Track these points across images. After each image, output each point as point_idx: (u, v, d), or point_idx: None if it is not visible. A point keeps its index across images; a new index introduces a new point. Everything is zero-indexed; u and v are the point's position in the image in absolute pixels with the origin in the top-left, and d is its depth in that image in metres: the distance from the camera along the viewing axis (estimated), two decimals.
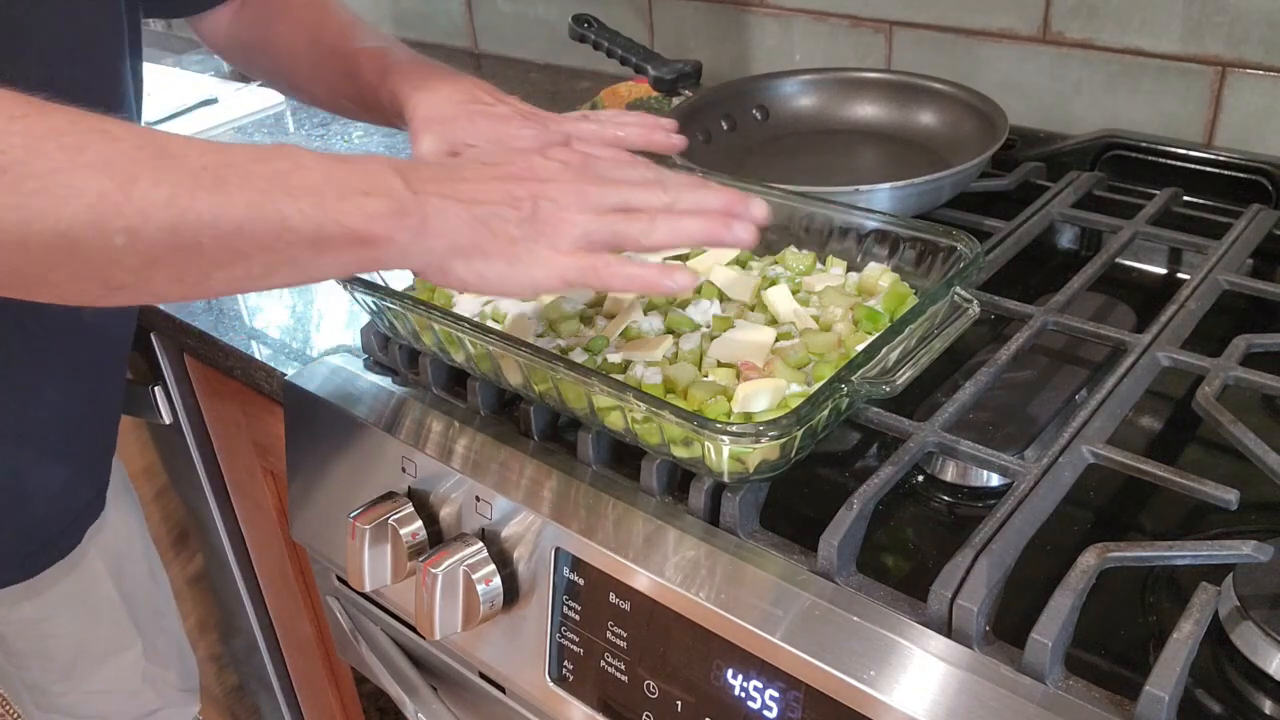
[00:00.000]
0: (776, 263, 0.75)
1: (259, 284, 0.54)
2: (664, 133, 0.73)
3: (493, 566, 0.66)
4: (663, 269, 0.57)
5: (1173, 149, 0.93)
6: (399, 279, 0.77)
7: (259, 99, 1.45)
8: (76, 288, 0.51)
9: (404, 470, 0.72)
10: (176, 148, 0.50)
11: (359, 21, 0.85)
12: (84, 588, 0.91)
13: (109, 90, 0.74)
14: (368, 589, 0.72)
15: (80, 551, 0.88)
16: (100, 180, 0.47)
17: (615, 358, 0.65)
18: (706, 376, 0.63)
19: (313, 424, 0.79)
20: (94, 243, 0.48)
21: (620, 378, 0.62)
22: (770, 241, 0.77)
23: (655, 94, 1.15)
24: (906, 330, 0.61)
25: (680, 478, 0.63)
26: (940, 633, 0.52)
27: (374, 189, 0.53)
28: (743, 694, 0.56)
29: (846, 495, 0.56)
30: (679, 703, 0.59)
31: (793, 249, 0.75)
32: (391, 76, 0.75)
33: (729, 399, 0.60)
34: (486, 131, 0.71)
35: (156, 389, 1.05)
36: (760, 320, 0.68)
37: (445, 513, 0.71)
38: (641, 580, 0.59)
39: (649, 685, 0.61)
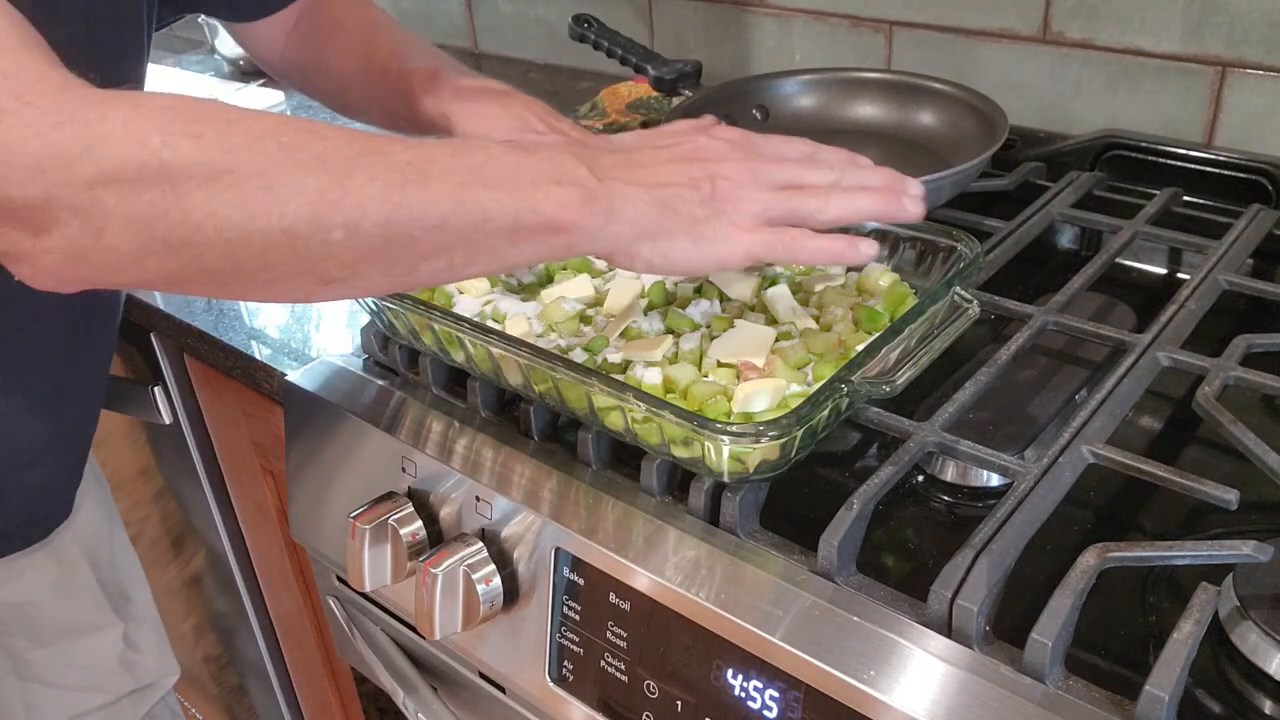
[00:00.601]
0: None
1: (459, 274, 0.56)
2: None
3: (493, 566, 0.66)
4: (850, 240, 0.58)
5: (1173, 149, 0.93)
6: None
7: (259, 99, 1.45)
8: (293, 284, 0.52)
9: (404, 470, 0.72)
10: (381, 144, 0.52)
11: (413, 39, 0.85)
12: (63, 574, 0.91)
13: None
14: (368, 589, 0.72)
15: (58, 537, 0.88)
16: (319, 178, 0.49)
17: (615, 358, 0.65)
18: (706, 376, 0.63)
19: (313, 424, 0.79)
20: (314, 238, 0.49)
21: (620, 378, 0.62)
22: None
23: (655, 94, 1.15)
24: (906, 330, 0.61)
25: (680, 478, 0.63)
26: (940, 633, 0.52)
27: (563, 178, 0.54)
28: (743, 694, 0.56)
29: (846, 495, 0.56)
30: (679, 703, 0.59)
31: None
32: (445, 99, 0.76)
33: (729, 399, 0.60)
34: None
35: (156, 389, 1.05)
36: (760, 320, 0.68)
37: (445, 513, 0.71)
38: (641, 580, 0.59)
39: (649, 685, 0.61)
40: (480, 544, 0.66)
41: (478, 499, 0.67)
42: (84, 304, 0.81)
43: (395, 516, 0.70)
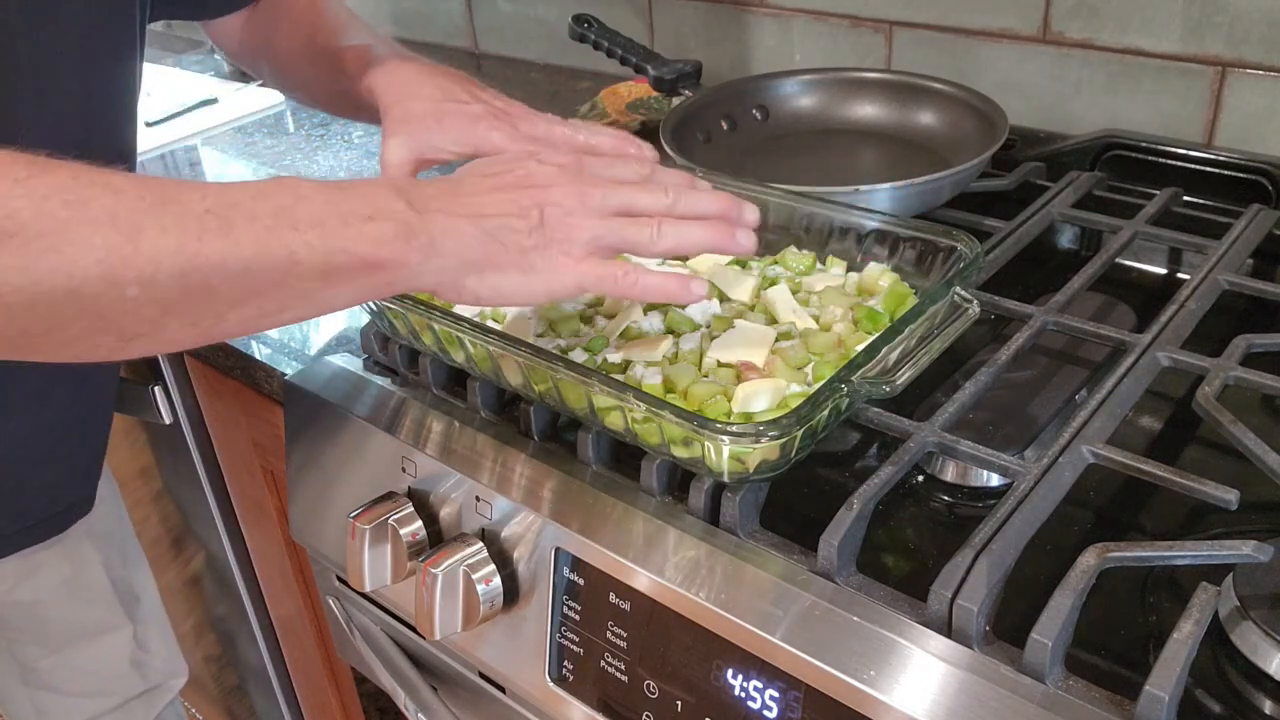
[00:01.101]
0: (776, 263, 0.75)
1: (274, 321, 0.54)
2: (637, 148, 0.72)
3: (493, 566, 0.66)
4: (681, 279, 0.58)
5: (1173, 149, 0.93)
6: None
7: (259, 99, 1.45)
8: (90, 343, 0.50)
9: (404, 470, 0.72)
10: (177, 193, 0.50)
11: (352, 19, 0.86)
12: (77, 572, 0.92)
13: (111, 92, 0.74)
14: (368, 589, 0.72)
15: (73, 536, 0.89)
16: (107, 234, 0.47)
17: (615, 358, 0.65)
18: (706, 376, 0.63)
19: (313, 424, 0.79)
20: (106, 296, 0.48)
21: (620, 378, 0.62)
22: (770, 241, 0.77)
23: (655, 94, 1.15)
24: (906, 330, 0.61)
25: (680, 478, 0.63)
26: (940, 633, 0.52)
27: (378, 213, 0.53)
28: (743, 694, 0.56)
29: (846, 495, 0.56)
30: (679, 703, 0.59)
31: (793, 249, 0.75)
32: (370, 73, 0.76)
33: (729, 399, 0.60)
34: (454, 133, 0.71)
35: (156, 389, 1.05)
36: (760, 320, 0.68)
37: (445, 513, 0.71)
38: (641, 580, 0.59)
39: (649, 685, 0.61)
40: (480, 544, 0.66)
41: (478, 499, 0.67)
42: None
43: (395, 516, 0.70)
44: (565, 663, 0.65)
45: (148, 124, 1.35)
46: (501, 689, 0.72)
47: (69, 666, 0.96)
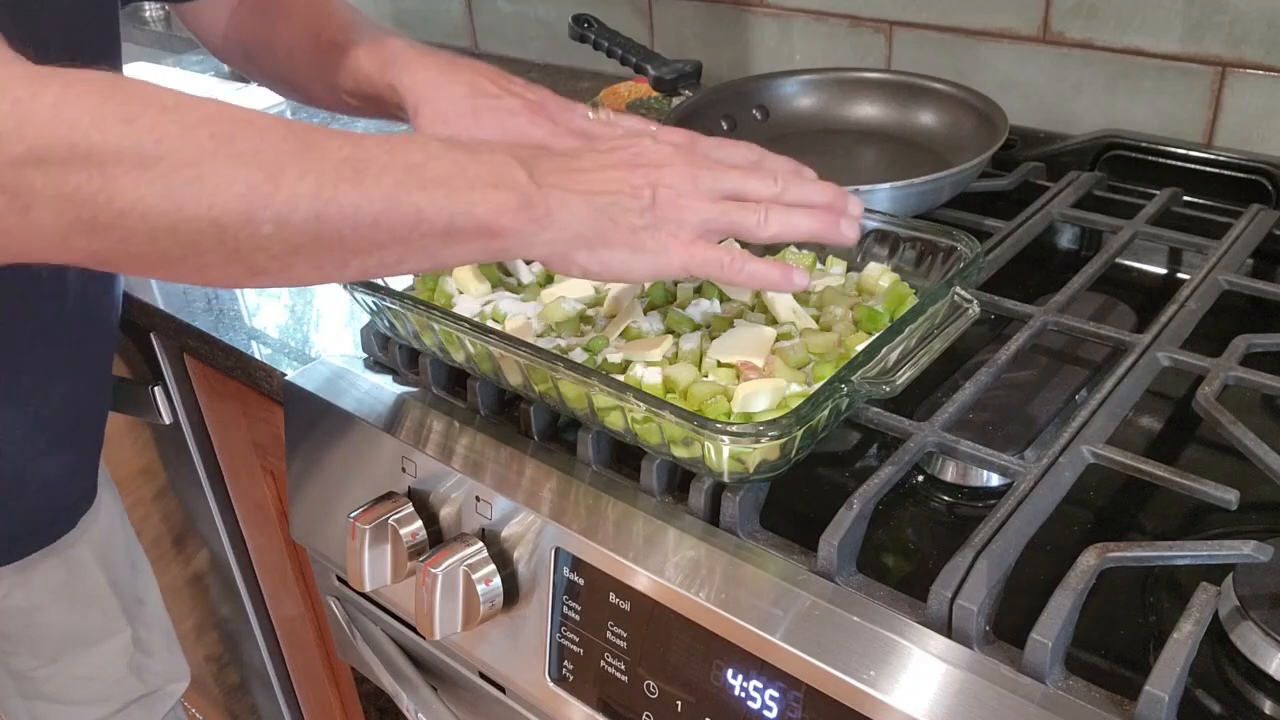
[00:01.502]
0: None
1: (391, 270, 0.55)
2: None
3: (493, 566, 0.66)
4: (785, 269, 0.59)
5: (1173, 149, 0.93)
6: (399, 279, 0.78)
7: (259, 99, 1.45)
8: (220, 271, 0.52)
9: (404, 470, 0.72)
10: (318, 139, 0.51)
11: (361, 16, 0.85)
12: (73, 575, 0.91)
13: None
14: (368, 589, 0.72)
15: (69, 541, 0.88)
16: (250, 171, 0.49)
17: (615, 358, 0.65)
18: (706, 376, 0.63)
19: (313, 424, 0.79)
20: (243, 231, 0.49)
21: (620, 378, 0.62)
22: None
23: (655, 94, 1.15)
24: (906, 330, 0.61)
25: (680, 478, 0.63)
26: (940, 633, 0.52)
27: (500, 181, 0.54)
28: (743, 694, 0.56)
29: (846, 495, 0.56)
30: (679, 703, 0.59)
31: (793, 249, 0.75)
32: (391, 69, 0.75)
33: (729, 399, 0.60)
34: (492, 129, 0.71)
35: (156, 389, 1.05)
36: (760, 320, 0.68)
37: (445, 513, 0.71)
38: (641, 580, 0.59)
39: (649, 685, 0.61)
40: (480, 544, 0.66)
41: (478, 499, 0.67)
42: (80, 292, 0.81)
43: (395, 516, 0.70)
44: (565, 663, 0.65)
45: None
46: (501, 689, 0.72)
47: (67, 675, 0.96)
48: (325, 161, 0.51)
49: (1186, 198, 0.89)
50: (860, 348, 0.62)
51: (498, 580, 0.66)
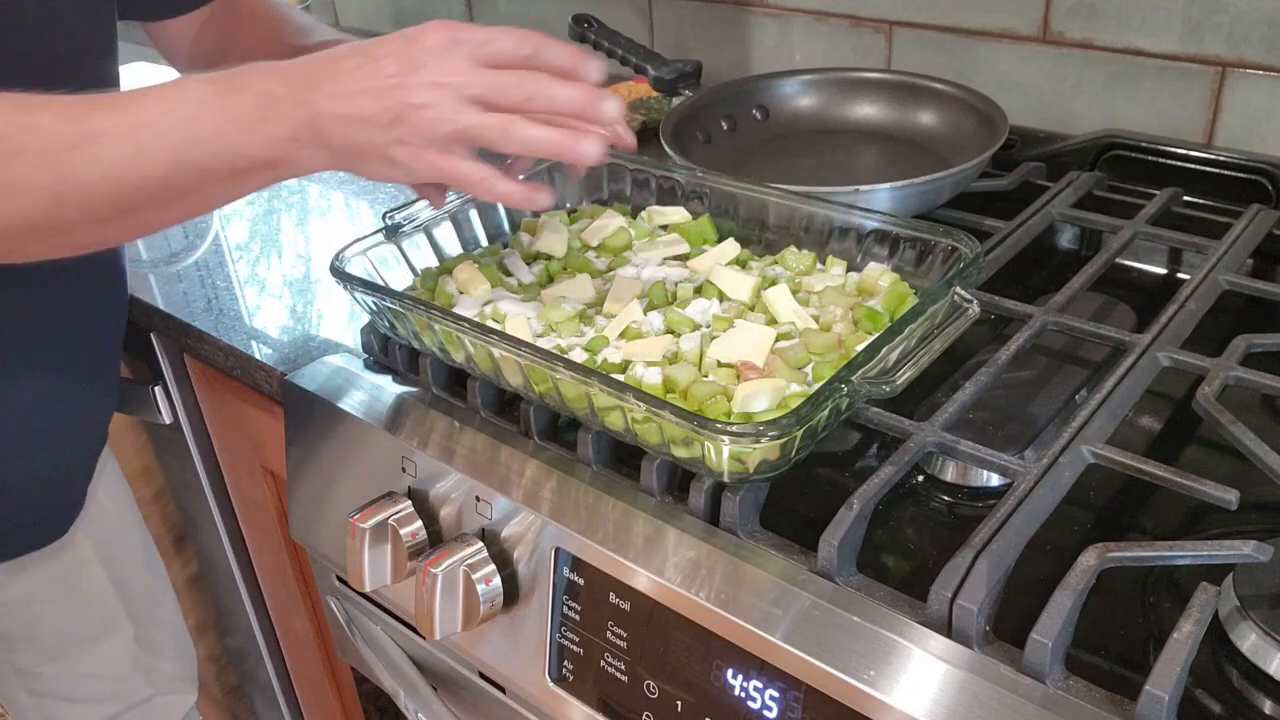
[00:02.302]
0: (776, 263, 0.75)
1: (200, 211, 0.65)
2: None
3: (493, 566, 0.66)
4: (531, 188, 0.64)
5: (1173, 149, 0.93)
6: (399, 279, 0.78)
7: None
8: (50, 249, 0.62)
9: (404, 470, 0.72)
10: (97, 121, 0.58)
11: (317, 21, 0.89)
12: (70, 571, 0.92)
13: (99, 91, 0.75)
14: (368, 589, 0.72)
15: (67, 538, 0.89)
16: (42, 175, 0.56)
17: (615, 358, 0.65)
18: (706, 376, 0.63)
19: (313, 424, 0.79)
20: (53, 224, 0.58)
21: (620, 378, 0.62)
22: (770, 241, 0.78)
23: (655, 94, 1.15)
24: (906, 330, 0.61)
25: (680, 478, 0.63)
26: (940, 633, 0.52)
27: (269, 116, 0.59)
28: (743, 694, 0.56)
29: (846, 495, 0.56)
30: (679, 703, 0.59)
31: (793, 249, 0.75)
32: None
33: (729, 399, 0.60)
34: None
35: (156, 389, 1.05)
36: (760, 320, 0.68)
37: (445, 513, 0.71)
38: (641, 580, 0.59)
39: (649, 685, 0.61)
40: (480, 544, 0.66)
41: (478, 499, 0.67)
42: (88, 284, 0.82)
43: (395, 516, 0.70)
44: (565, 663, 0.65)
45: None
46: (501, 689, 0.72)
47: (71, 673, 0.96)
48: (109, 146, 0.57)
49: (1186, 198, 0.89)
50: (860, 348, 0.62)
51: (498, 580, 0.66)
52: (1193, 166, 0.91)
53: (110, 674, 0.98)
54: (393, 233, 0.77)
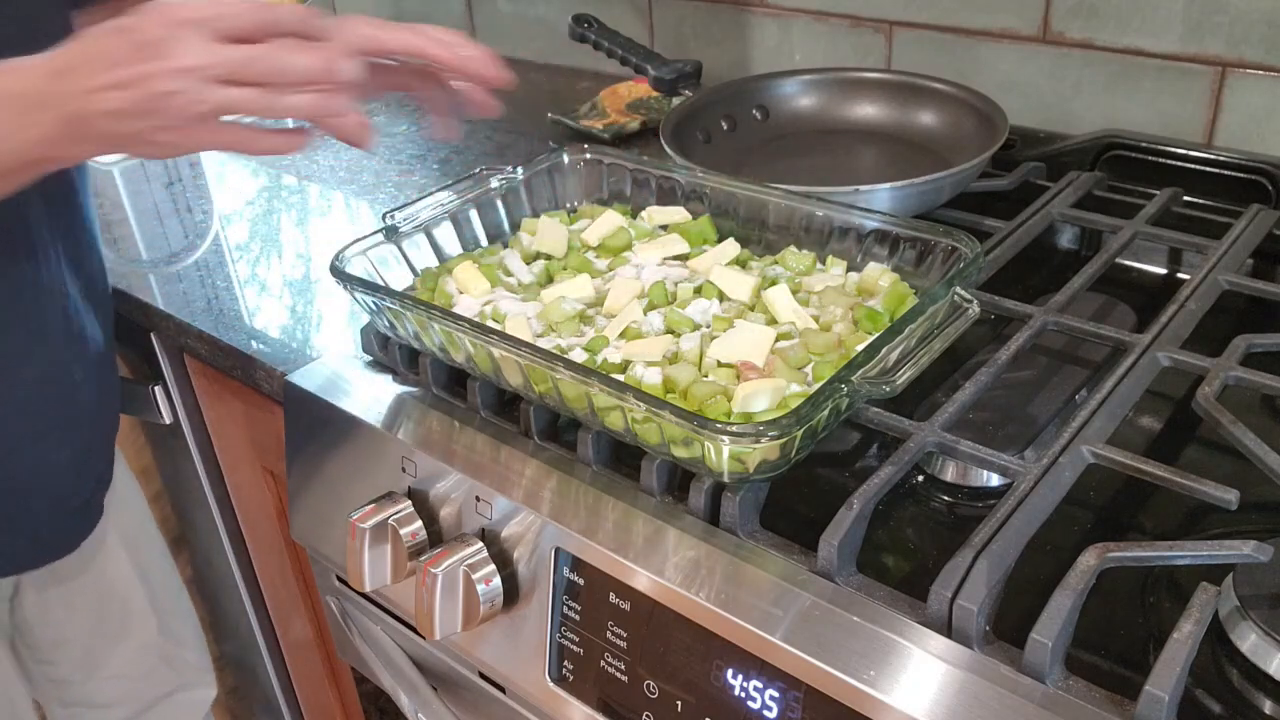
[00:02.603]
0: (776, 263, 0.75)
1: None
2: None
3: (493, 566, 0.66)
4: (288, 137, 0.66)
5: (1173, 149, 0.93)
6: (399, 279, 0.78)
7: None
8: None
9: (404, 470, 0.72)
10: None
11: None
12: (100, 568, 0.94)
13: None
14: (368, 589, 0.72)
15: (97, 534, 0.91)
16: None
17: (615, 358, 0.65)
18: (706, 376, 0.63)
19: (313, 424, 0.79)
20: None
21: (620, 378, 0.62)
22: (770, 241, 0.78)
23: (655, 94, 1.15)
24: (906, 330, 0.61)
25: (680, 478, 0.63)
26: (940, 633, 0.52)
27: (27, 120, 0.61)
28: (743, 694, 0.56)
29: (846, 495, 0.56)
30: (679, 703, 0.59)
31: (793, 249, 0.75)
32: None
33: (729, 399, 0.60)
34: None
35: (156, 389, 1.05)
36: (760, 320, 0.68)
37: (445, 513, 0.71)
38: (641, 580, 0.59)
39: (649, 685, 0.61)
40: (480, 544, 0.66)
41: (478, 499, 0.67)
42: (80, 284, 0.82)
43: (395, 516, 0.70)
44: (565, 663, 0.65)
45: None
46: (501, 689, 0.72)
47: (100, 675, 0.98)
48: None
49: (1186, 198, 0.89)
50: (860, 348, 0.62)
51: (498, 580, 0.66)
52: (1193, 166, 0.91)
53: (135, 672, 1.00)
54: (393, 233, 0.77)
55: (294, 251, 1.05)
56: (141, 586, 0.98)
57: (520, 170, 0.84)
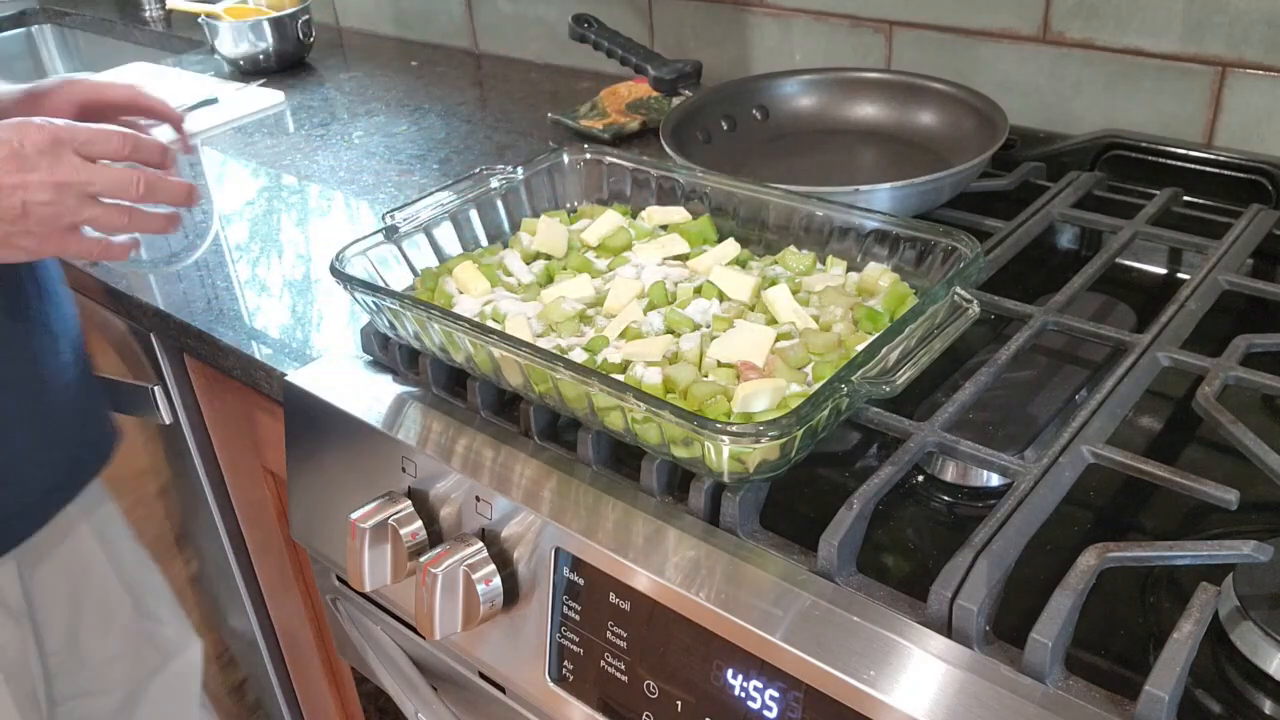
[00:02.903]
0: (776, 263, 0.75)
1: None
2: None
3: (493, 566, 0.66)
4: (122, 249, 0.79)
5: (1173, 149, 0.93)
6: (399, 279, 0.78)
7: (259, 99, 1.45)
8: None
9: (404, 470, 0.72)
10: None
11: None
12: (72, 557, 0.96)
13: None
14: (368, 589, 0.72)
15: (67, 524, 0.93)
16: None
17: (615, 358, 0.65)
18: (706, 376, 0.63)
19: (313, 424, 0.79)
20: None
21: (620, 378, 0.62)
22: (770, 241, 0.78)
23: (655, 94, 1.15)
24: (906, 330, 0.61)
25: (680, 478, 0.63)
26: (940, 633, 0.52)
27: None
28: (743, 694, 0.56)
29: (846, 495, 0.56)
30: (679, 703, 0.59)
31: (793, 249, 0.75)
32: None
33: (729, 399, 0.60)
34: None
35: (156, 389, 1.05)
36: (760, 320, 0.68)
37: (445, 513, 0.71)
38: (641, 580, 0.59)
39: (649, 685, 0.61)
40: (480, 544, 0.66)
41: (478, 499, 0.67)
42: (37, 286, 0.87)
43: (395, 516, 0.70)
44: (565, 663, 0.65)
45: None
46: (501, 689, 0.72)
47: (90, 666, 0.98)
48: None
49: (1186, 198, 0.89)
50: (860, 348, 0.62)
51: (498, 580, 0.66)
52: (1193, 166, 0.91)
53: (124, 654, 1.01)
54: (392, 233, 0.77)
55: (294, 251, 1.05)
56: (112, 567, 1.00)
57: (520, 170, 0.84)
